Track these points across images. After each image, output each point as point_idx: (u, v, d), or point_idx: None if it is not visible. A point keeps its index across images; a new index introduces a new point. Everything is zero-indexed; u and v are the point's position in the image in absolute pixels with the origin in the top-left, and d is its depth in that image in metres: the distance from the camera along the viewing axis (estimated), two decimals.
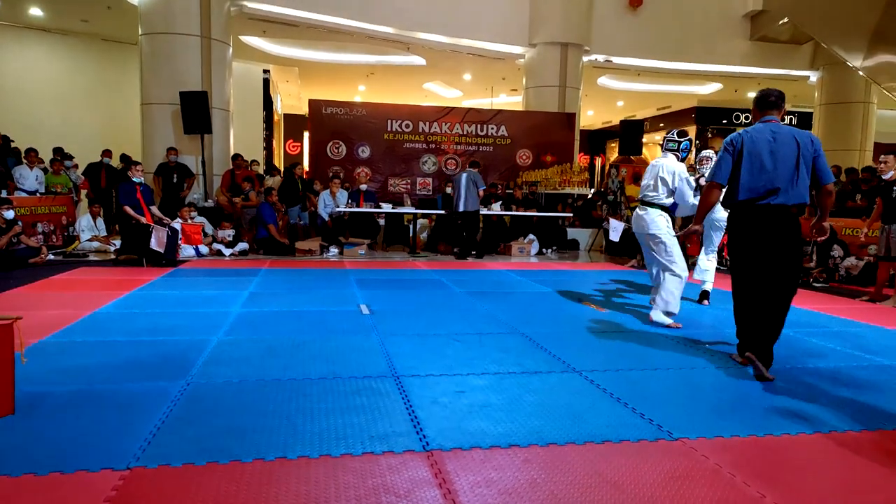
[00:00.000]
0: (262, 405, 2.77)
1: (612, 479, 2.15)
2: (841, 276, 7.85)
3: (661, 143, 5.19)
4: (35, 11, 12.27)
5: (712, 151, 6.05)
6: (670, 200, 4.95)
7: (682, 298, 5.15)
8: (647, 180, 5.02)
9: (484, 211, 10.27)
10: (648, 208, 4.95)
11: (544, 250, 10.68)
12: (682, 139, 5.06)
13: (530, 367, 3.53)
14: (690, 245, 7.71)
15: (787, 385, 3.31)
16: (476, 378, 3.28)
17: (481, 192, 9.82)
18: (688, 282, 5.36)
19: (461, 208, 9.56)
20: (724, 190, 3.69)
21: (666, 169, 4.91)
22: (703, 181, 5.67)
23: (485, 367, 3.50)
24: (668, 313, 4.85)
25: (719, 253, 6.24)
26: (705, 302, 5.81)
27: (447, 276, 7.29)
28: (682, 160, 5.05)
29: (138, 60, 10.26)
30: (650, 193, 4.96)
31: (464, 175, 9.57)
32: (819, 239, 3.80)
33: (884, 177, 6.45)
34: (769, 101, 3.62)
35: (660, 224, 4.89)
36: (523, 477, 2.15)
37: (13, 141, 10.35)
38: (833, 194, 3.67)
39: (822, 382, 3.38)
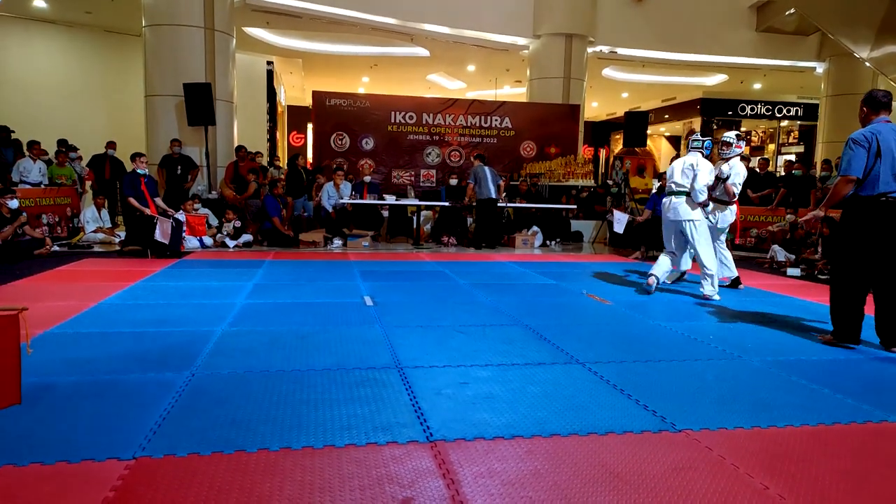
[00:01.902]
0: (267, 396, 2.79)
1: (615, 470, 2.16)
2: None
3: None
4: (39, 3, 12.24)
5: (733, 134, 6.03)
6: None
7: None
8: (675, 174, 5.76)
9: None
10: (684, 196, 5.66)
11: (548, 242, 10.67)
12: (705, 138, 5.85)
13: (534, 358, 3.53)
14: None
15: (791, 377, 3.30)
16: (480, 369, 3.28)
17: (502, 185, 10.24)
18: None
19: (493, 195, 9.88)
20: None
21: (687, 163, 5.72)
22: (728, 167, 5.92)
23: (488, 358, 3.50)
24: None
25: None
26: (741, 286, 6.19)
27: (451, 268, 7.29)
28: (707, 157, 5.78)
29: (142, 52, 10.26)
30: (683, 183, 5.70)
31: (487, 169, 9.98)
32: None
33: None
34: (882, 101, 3.90)
35: (696, 211, 5.68)
36: (526, 467, 2.15)
37: (13, 131, 10.36)
38: None
39: (827, 375, 3.37)
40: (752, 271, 7.93)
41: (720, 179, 5.87)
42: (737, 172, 5.97)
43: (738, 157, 6.06)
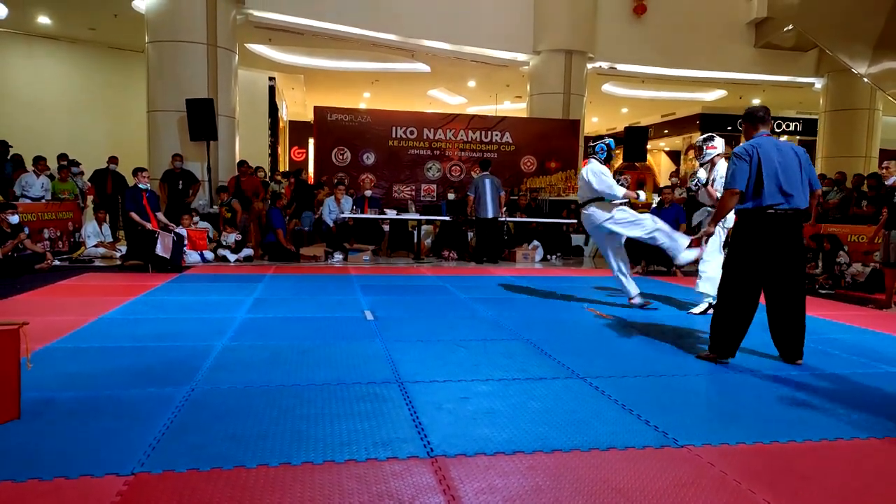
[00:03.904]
0: (267, 411, 2.77)
1: (617, 486, 2.14)
2: (847, 282, 7.81)
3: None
4: (43, 20, 12.38)
5: (701, 139, 5.89)
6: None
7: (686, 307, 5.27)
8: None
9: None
10: (590, 205, 5.63)
11: (549, 256, 10.67)
12: (597, 142, 5.73)
13: (535, 373, 3.52)
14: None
15: (794, 392, 3.29)
16: (480, 384, 3.27)
17: (503, 197, 10.10)
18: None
19: (490, 214, 9.75)
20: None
21: (582, 175, 5.66)
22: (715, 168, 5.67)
23: (489, 373, 3.49)
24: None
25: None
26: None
27: (451, 283, 7.28)
28: (604, 160, 5.71)
29: (145, 68, 10.34)
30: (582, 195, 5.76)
31: (487, 180, 9.81)
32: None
33: (886, 182, 6.43)
34: (759, 116, 3.99)
35: (602, 214, 5.57)
36: (528, 483, 2.14)
37: (12, 146, 10.41)
38: (818, 198, 4.15)
39: (829, 390, 3.36)
40: None
41: (691, 189, 5.86)
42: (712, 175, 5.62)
43: (721, 158, 5.64)
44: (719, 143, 5.73)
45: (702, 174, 5.70)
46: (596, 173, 5.52)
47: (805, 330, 3.86)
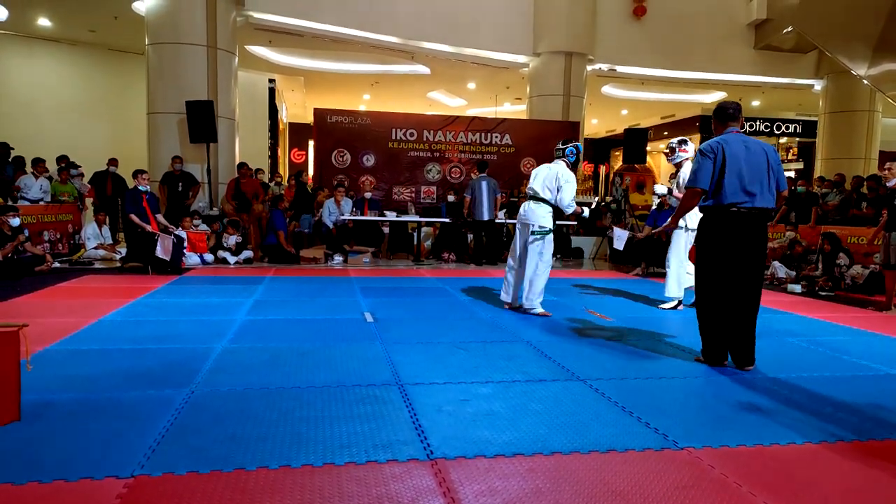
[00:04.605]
0: (267, 413, 2.77)
1: (617, 488, 2.14)
2: (847, 284, 7.81)
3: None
4: (43, 22, 12.39)
5: (675, 140, 5.94)
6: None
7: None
8: (536, 181, 5.49)
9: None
10: (540, 202, 5.41)
11: None
12: (566, 145, 5.51)
13: (535, 375, 3.52)
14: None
15: (794, 394, 3.29)
16: (480, 386, 3.27)
17: (500, 199, 10.10)
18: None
19: (486, 217, 9.73)
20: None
21: (551, 173, 5.39)
22: (683, 172, 5.79)
23: (489, 375, 3.49)
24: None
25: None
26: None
27: (451, 284, 7.28)
28: (572, 164, 5.47)
29: (145, 70, 10.34)
30: (543, 195, 5.43)
31: (484, 182, 9.78)
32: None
33: (888, 184, 6.44)
34: (729, 113, 3.87)
35: (542, 220, 5.38)
36: (528, 486, 2.14)
37: (13, 149, 10.42)
38: (784, 199, 4.06)
39: (830, 392, 3.36)
40: None
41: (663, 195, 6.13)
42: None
43: (688, 161, 5.74)
44: (690, 148, 5.88)
45: (660, 188, 6.10)
46: (568, 181, 5.32)
47: (755, 335, 3.74)
